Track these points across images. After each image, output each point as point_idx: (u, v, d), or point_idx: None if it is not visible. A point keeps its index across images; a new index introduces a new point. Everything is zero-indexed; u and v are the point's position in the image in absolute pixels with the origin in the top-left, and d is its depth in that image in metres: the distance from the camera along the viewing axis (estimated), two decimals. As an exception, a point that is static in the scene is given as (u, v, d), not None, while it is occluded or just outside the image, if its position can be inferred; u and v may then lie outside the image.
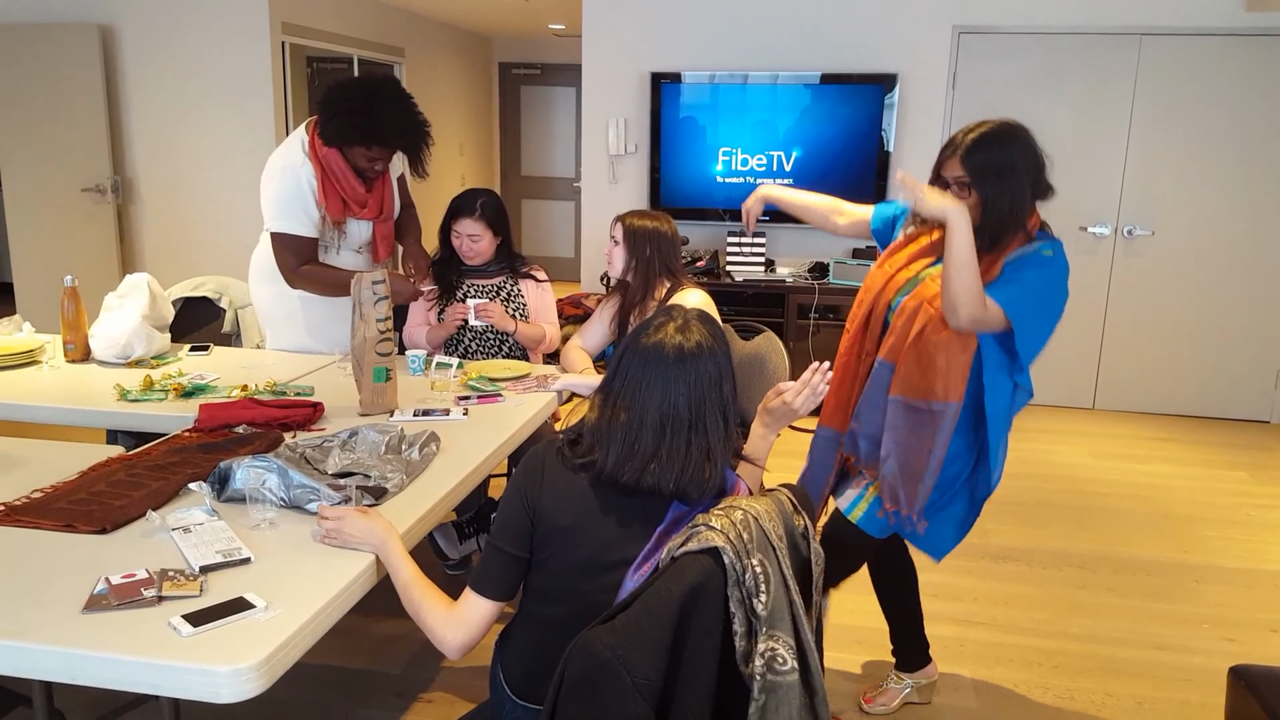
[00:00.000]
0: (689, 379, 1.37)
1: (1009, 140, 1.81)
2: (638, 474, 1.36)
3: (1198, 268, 4.71)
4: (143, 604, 1.31)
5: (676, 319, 1.42)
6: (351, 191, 2.63)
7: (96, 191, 5.17)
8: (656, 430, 1.36)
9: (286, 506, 1.65)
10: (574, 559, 1.39)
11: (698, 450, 1.37)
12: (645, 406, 1.37)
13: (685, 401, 1.37)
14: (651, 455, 1.36)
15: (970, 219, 1.78)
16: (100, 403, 2.25)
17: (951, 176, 1.83)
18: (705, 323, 1.43)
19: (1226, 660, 2.54)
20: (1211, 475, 4.02)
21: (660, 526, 1.37)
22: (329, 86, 2.55)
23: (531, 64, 8.27)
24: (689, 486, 1.36)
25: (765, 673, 1.27)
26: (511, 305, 2.84)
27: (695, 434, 1.37)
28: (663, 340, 1.39)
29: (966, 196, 1.82)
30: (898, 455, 1.92)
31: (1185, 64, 4.53)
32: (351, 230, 2.72)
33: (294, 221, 2.60)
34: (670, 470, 1.35)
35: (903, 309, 1.92)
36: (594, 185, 5.16)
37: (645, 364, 1.39)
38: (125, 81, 5.18)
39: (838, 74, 4.68)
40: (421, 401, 2.31)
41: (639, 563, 1.36)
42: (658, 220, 2.53)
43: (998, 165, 1.79)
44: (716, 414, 1.39)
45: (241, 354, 2.81)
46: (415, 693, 2.35)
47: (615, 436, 1.38)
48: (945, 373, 1.86)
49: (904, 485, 1.93)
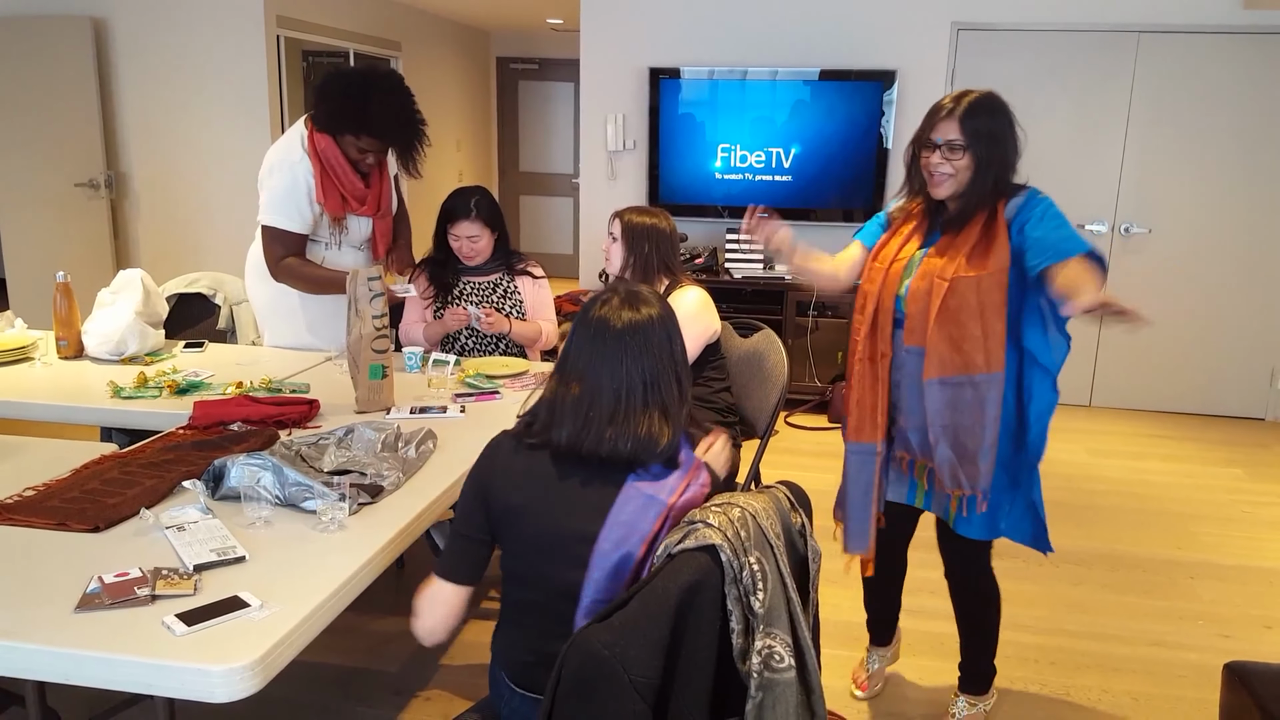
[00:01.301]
0: (640, 349, 1.39)
1: (1000, 110, 1.86)
2: (596, 443, 1.37)
3: (1195, 265, 4.72)
4: (136, 603, 1.30)
5: (621, 291, 1.44)
6: (350, 187, 2.62)
7: (90, 186, 5.14)
8: (612, 400, 1.37)
9: (282, 504, 1.64)
10: (529, 535, 1.40)
11: (655, 413, 1.39)
12: (599, 379, 1.38)
13: (639, 371, 1.38)
14: (608, 422, 1.37)
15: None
16: (93, 400, 2.24)
17: (945, 139, 1.83)
18: (654, 294, 1.46)
19: (1221, 656, 2.54)
20: (1207, 472, 4.03)
21: (614, 505, 1.37)
22: (328, 73, 2.55)
23: (530, 59, 8.25)
24: (642, 452, 1.37)
25: (762, 670, 1.26)
26: (508, 302, 2.83)
27: (650, 398, 1.39)
28: (609, 315, 1.40)
29: (958, 159, 1.83)
30: (947, 437, 1.89)
31: (1183, 62, 4.53)
32: (352, 227, 2.71)
33: (285, 217, 2.59)
34: (626, 435, 1.37)
35: (914, 294, 1.90)
36: (592, 181, 5.15)
37: (594, 338, 1.40)
38: (118, 75, 5.16)
39: (837, 70, 4.67)
40: (418, 399, 2.30)
41: (606, 547, 1.36)
42: (656, 217, 2.52)
43: (990, 131, 1.83)
44: (670, 377, 1.41)
45: (236, 351, 2.80)
46: (413, 690, 2.35)
47: (569, 410, 1.39)
48: (984, 341, 1.82)
49: (962, 467, 1.90)
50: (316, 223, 2.65)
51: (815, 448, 4.25)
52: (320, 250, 2.73)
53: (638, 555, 1.35)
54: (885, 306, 1.95)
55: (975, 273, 1.83)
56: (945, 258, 1.87)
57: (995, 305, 1.82)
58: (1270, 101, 4.49)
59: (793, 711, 1.28)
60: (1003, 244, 1.84)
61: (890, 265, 1.96)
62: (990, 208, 1.87)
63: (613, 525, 1.35)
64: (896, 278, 1.94)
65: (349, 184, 2.62)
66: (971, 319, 1.83)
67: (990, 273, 1.82)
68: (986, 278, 1.82)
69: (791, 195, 4.83)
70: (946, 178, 1.86)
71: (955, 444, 1.89)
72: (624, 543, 1.35)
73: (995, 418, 1.87)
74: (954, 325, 1.84)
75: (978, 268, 1.83)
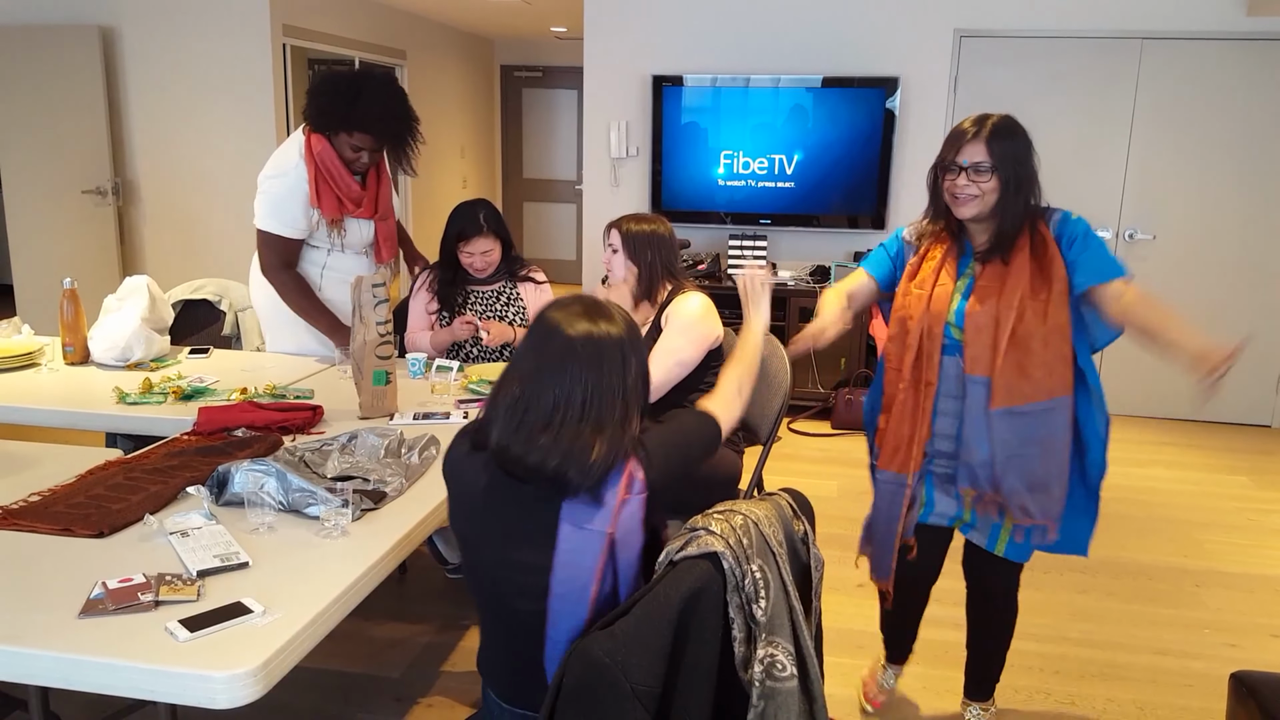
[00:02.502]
0: (587, 364, 1.32)
1: (1021, 133, 1.86)
2: (524, 447, 1.30)
3: (1199, 271, 4.71)
4: (140, 609, 1.31)
5: (583, 302, 1.38)
6: (345, 189, 2.64)
7: (97, 193, 5.17)
8: (548, 409, 1.31)
9: (285, 510, 1.64)
10: (479, 564, 1.39)
11: (588, 430, 1.30)
12: (540, 384, 1.32)
13: (581, 386, 1.31)
14: (541, 430, 1.30)
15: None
16: (99, 405, 2.25)
17: (971, 161, 1.82)
18: (618, 311, 1.39)
19: (1228, 665, 2.53)
20: (1212, 480, 4.01)
21: (557, 541, 1.31)
22: (320, 74, 2.56)
23: (533, 66, 8.28)
24: (571, 469, 1.29)
25: (764, 679, 1.26)
26: (512, 309, 2.83)
27: (587, 415, 1.31)
28: (566, 320, 1.34)
29: (985, 181, 1.82)
30: (1016, 468, 1.84)
31: (1186, 68, 4.53)
32: (351, 231, 2.72)
33: (279, 223, 2.61)
34: (557, 448, 1.29)
35: (975, 322, 1.85)
36: (596, 188, 5.16)
37: (545, 341, 1.34)
38: (126, 83, 5.18)
39: (839, 77, 4.68)
40: (421, 405, 2.31)
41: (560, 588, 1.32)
42: (654, 223, 2.51)
43: (1016, 153, 1.83)
44: (615, 400, 1.33)
45: (241, 357, 2.81)
46: (415, 697, 2.34)
47: (505, 410, 1.34)
48: (1053, 366, 1.81)
49: (1033, 497, 1.86)
50: (314, 228, 2.66)
51: (818, 454, 4.25)
52: (321, 256, 2.74)
53: (593, 587, 1.32)
54: (934, 333, 1.89)
55: (1041, 296, 1.82)
56: (1004, 282, 1.84)
57: (1061, 327, 1.82)
58: (1274, 107, 4.48)
59: None
60: (1060, 264, 1.83)
61: (932, 290, 1.91)
62: (1030, 229, 1.86)
63: (561, 565, 1.32)
64: (943, 303, 1.89)
65: (344, 186, 2.62)
66: (1039, 343, 1.81)
67: (1056, 294, 1.82)
68: (1053, 299, 1.81)
69: (794, 202, 4.83)
70: (972, 199, 1.84)
71: (1026, 473, 1.85)
72: (576, 580, 1.32)
73: (1067, 442, 1.85)
74: (1022, 351, 1.81)
75: (1042, 290, 1.82)
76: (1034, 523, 1.89)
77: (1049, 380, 1.81)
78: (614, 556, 1.33)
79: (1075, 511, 1.97)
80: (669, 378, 2.43)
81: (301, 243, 2.68)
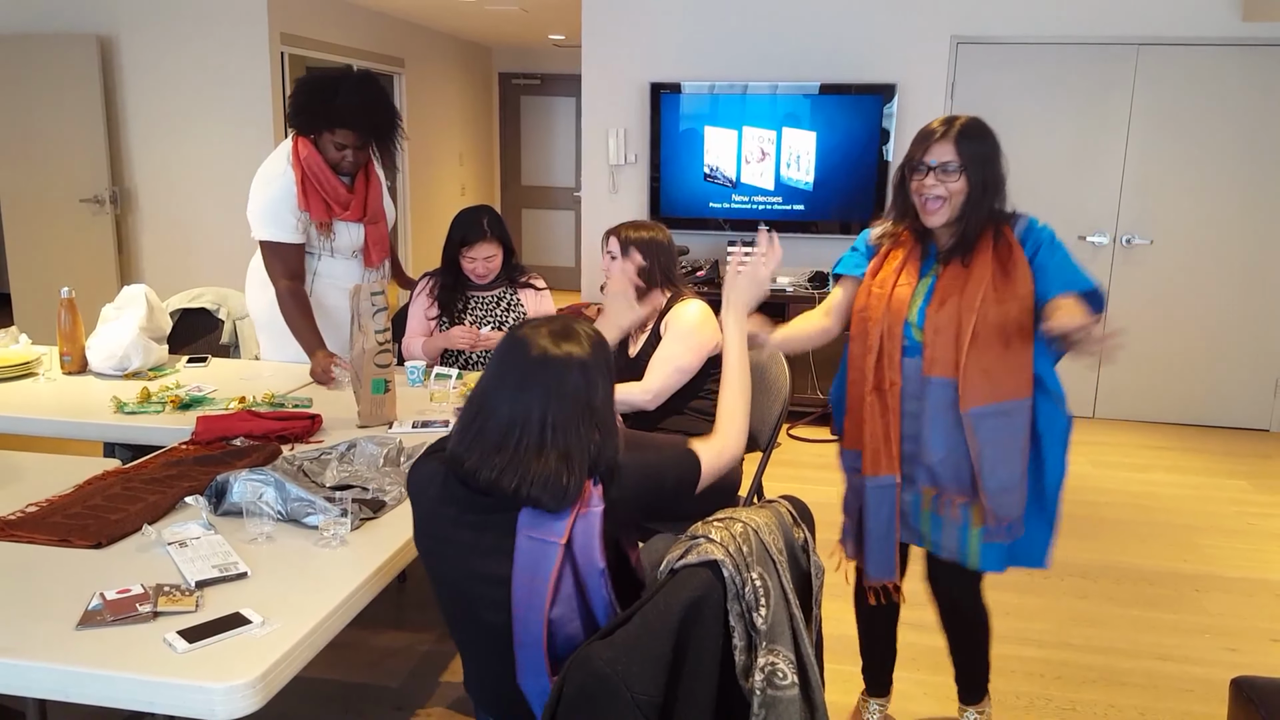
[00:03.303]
0: (546, 387, 1.29)
1: (989, 135, 1.86)
2: (478, 462, 1.29)
3: (1196, 276, 4.72)
4: (138, 620, 1.30)
5: (556, 323, 1.35)
6: (332, 192, 2.64)
7: (95, 202, 5.17)
8: (502, 428, 1.29)
9: (284, 520, 1.64)
10: (444, 579, 1.38)
11: (553, 456, 1.27)
12: (497, 402, 1.30)
13: (539, 409, 1.28)
14: (495, 449, 1.28)
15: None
16: (97, 415, 2.25)
17: (939, 161, 1.81)
18: (587, 335, 1.35)
19: (1228, 670, 2.52)
20: (1212, 484, 4.02)
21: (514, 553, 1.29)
22: (300, 78, 2.61)
23: (531, 74, 8.30)
24: (539, 493, 1.27)
25: (765, 687, 1.26)
26: (512, 315, 2.84)
27: (550, 440, 1.28)
28: (530, 339, 1.32)
29: (952, 181, 1.81)
30: (991, 469, 1.84)
31: (1182, 73, 4.54)
32: (340, 234, 2.72)
33: (276, 228, 2.63)
34: (513, 472, 1.27)
35: (935, 324, 1.84)
36: (594, 195, 5.17)
37: (507, 356, 1.32)
38: (124, 92, 5.19)
39: (837, 84, 4.69)
40: (421, 413, 2.30)
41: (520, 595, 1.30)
42: (653, 230, 2.51)
43: (984, 153, 1.83)
44: (582, 425, 1.30)
45: (239, 365, 2.81)
46: (414, 706, 2.34)
47: (464, 422, 1.34)
48: (1014, 369, 1.81)
49: (1004, 497, 1.86)
50: (302, 232, 2.67)
51: (818, 460, 4.24)
52: (312, 262, 2.75)
53: (547, 596, 1.29)
54: (893, 333, 1.89)
55: (1004, 299, 1.81)
56: (966, 284, 1.83)
57: (1024, 331, 1.81)
58: (1269, 112, 4.50)
59: (796, 728, 1.27)
60: (1025, 269, 1.82)
61: (892, 290, 1.90)
62: (994, 232, 1.85)
63: (520, 573, 1.30)
64: (903, 304, 1.88)
65: (330, 189, 2.63)
66: (1002, 346, 1.81)
67: (1019, 297, 1.81)
68: (1015, 303, 1.81)
69: (792, 209, 4.84)
70: (940, 203, 1.83)
71: (996, 475, 1.84)
72: (535, 592, 1.30)
73: (1025, 446, 1.85)
74: (985, 353, 1.81)
75: (1005, 294, 1.81)
76: (1003, 523, 1.88)
77: (1009, 382, 1.81)
78: (575, 570, 1.30)
79: (1030, 517, 1.94)
80: (668, 385, 2.43)
81: (303, 247, 2.68)
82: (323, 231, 2.68)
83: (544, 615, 1.29)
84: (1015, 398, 1.82)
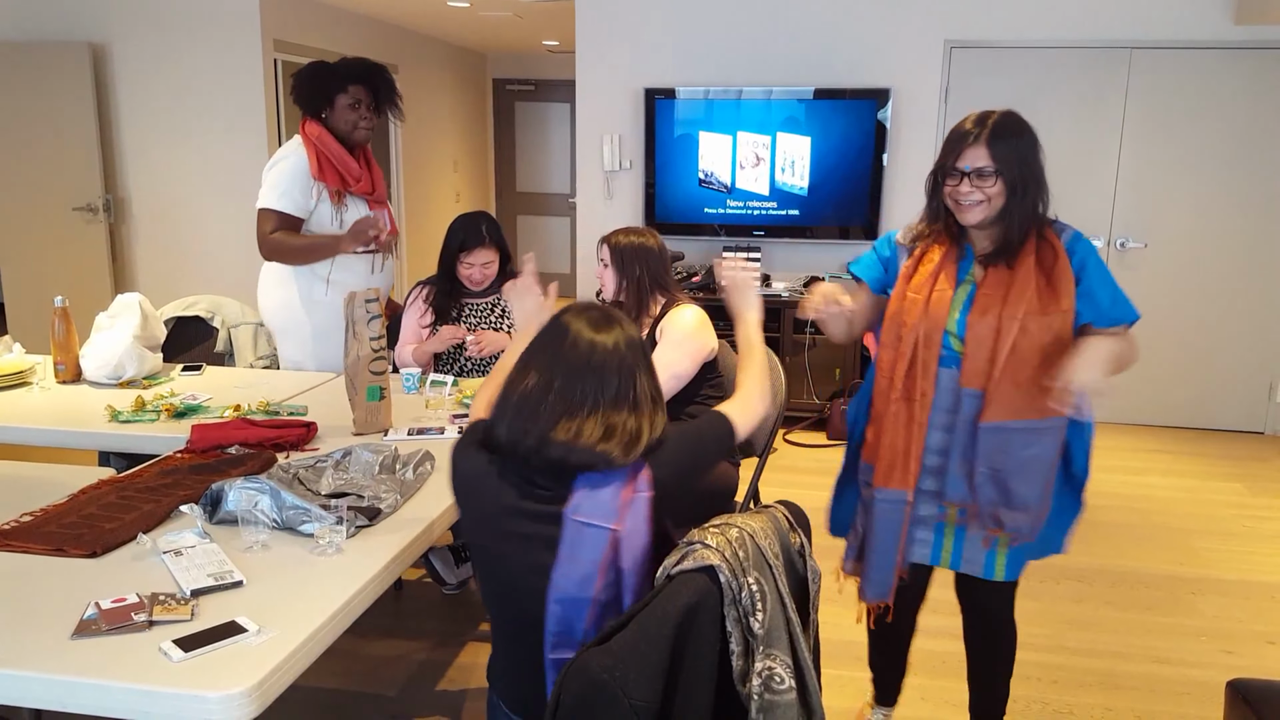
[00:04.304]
0: (604, 374, 1.35)
1: (1025, 129, 1.76)
2: (538, 445, 1.32)
3: (1191, 279, 4.73)
4: (133, 629, 1.30)
5: (599, 309, 1.42)
6: (345, 166, 2.80)
7: (88, 210, 5.16)
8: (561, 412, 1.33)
9: (279, 528, 1.64)
10: (489, 569, 1.40)
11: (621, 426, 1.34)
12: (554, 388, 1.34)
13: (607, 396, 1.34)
14: (563, 414, 1.33)
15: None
16: (91, 424, 2.24)
17: (973, 166, 1.72)
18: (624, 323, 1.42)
19: (1224, 673, 2.53)
20: (1207, 487, 4.03)
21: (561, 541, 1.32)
22: (294, 72, 2.81)
23: (526, 80, 8.31)
24: (596, 460, 1.33)
25: (763, 692, 1.26)
26: (507, 321, 2.83)
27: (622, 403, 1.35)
28: (578, 328, 1.37)
29: (989, 185, 1.72)
30: (1015, 484, 1.76)
31: (1176, 77, 4.56)
32: (352, 209, 2.85)
33: (286, 200, 2.74)
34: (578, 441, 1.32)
35: (976, 333, 1.75)
36: (589, 201, 5.17)
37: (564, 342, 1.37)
38: (117, 100, 5.18)
39: (831, 89, 4.71)
40: (416, 420, 2.30)
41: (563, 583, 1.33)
42: (643, 236, 2.51)
43: (1020, 153, 1.73)
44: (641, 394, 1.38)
45: (234, 373, 2.80)
46: (411, 715, 2.33)
47: (516, 406, 1.36)
48: (1051, 384, 1.71)
49: (1010, 514, 1.79)
50: (316, 207, 2.78)
51: (814, 465, 4.25)
52: (324, 268, 2.83)
53: (595, 584, 1.32)
54: (931, 341, 1.78)
55: (1047, 310, 1.72)
56: (1008, 291, 1.74)
57: (1064, 345, 1.72)
58: (1263, 115, 4.52)
59: (794, 733, 1.27)
60: (1069, 279, 1.73)
61: (930, 296, 1.80)
62: (1038, 235, 1.76)
63: (564, 560, 1.32)
64: (942, 310, 1.78)
65: (342, 162, 2.79)
66: (1040, 360, 1.71)
67: (1064, 310, 1.72)
68: (1060, 317, 1.72)
69: (787, 213, 4.85)
70: (977, 204, 1.74)
71: (1005, 490, 1.77)
72: (577, 577, 1.32)
73: (1053, 463, 1.77)
74: (1022, 367, 1.72)
75: (1049, 305, 1.72)
76: (1023, 538, 1.82)
77: (1043, 399, 1.71)
78: (618, 555, 1.33)
79: (1060, 510, 1.89)
80: (665, 391, 2.43)
81: (301, 222, 2.79)
82: (337, 202, 2.79)
83: (589, 603, 1.32)
84: (1050, 415, 1.73)
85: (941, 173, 1.78)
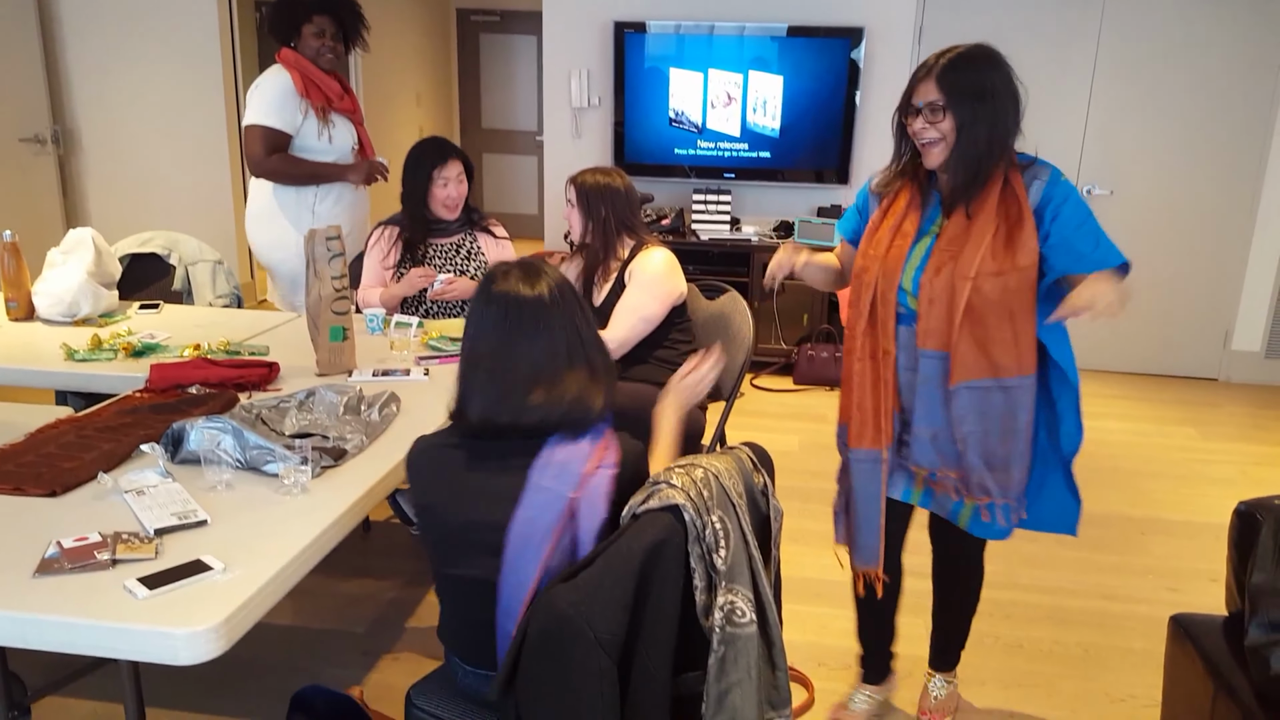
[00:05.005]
0: (559, 315, 1.38)
1: (987, 63, 1.67)
2: (517, 413, 1.35)
3: (1153, 228, 4.79)
4: (96, 567, 1.29)
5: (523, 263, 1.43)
6: (327, 85, 2.96)
7: (35, 141, 4.96)
8: (537, 366, 1.36)
9: (243, 468, 1.62)
10: (440, 525, 1.40)
11: (583, 373, 1.39)
12: (515, 354, 1.36)
13: (564, 335, 1.38)
14: (534, 383, 1.36)
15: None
16: (47, 363, 2.19)
17: (925, 101, 1.65)
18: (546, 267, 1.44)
19: (1169, 609, 2.64)
20: (1160, 431, 4.14)
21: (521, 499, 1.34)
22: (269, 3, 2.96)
23: (490, 10, 8.06)
24: (577, 415, 1.37)
25: (725, 625, 1.29)
26: (473, 263, 2.80)
27: (575, 359, 1.39)
28: (516, 286, 1.38)
29: (940, 121, 1.65)
30: (976, 446, 1.73)
31: (1149, 19, 4.55)
32: (338, 126, 3.00)
33: (271, 115, 2.85)
34: (557, 401, 1.36)
35: (929, 293, 1.69)
36: (557, 139, 5.08)
37: (506, 310, 1.38)
38: (62, 27, 4.95)
39: (804, 26, 4.63)
40: (381, 362, 2.28)
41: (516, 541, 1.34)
42: (610, 176, 2.48)
43: (975, 87, 1.64)
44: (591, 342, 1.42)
45: (193, 312, 2.75)
46: (380, 651, 2.36)
47: (481, 384, 1.38)
48: (1015, 344, 1.68)
49: (992, 475, 1.76)
50: (302, 125, 2.90)
51: (780, 409, 4.29)
52: (314, 158, 2.98)
53: (546, 548, 1.32)
54: (887, 299, 1.74)
55: (1002, 269, 1.64)
56: (963, 248, 1.66)
57: (1026, 305, 1.67)
58: (1233, 63, 4.54)
59: (754, 664, 1.31)
60: (1030, 234, 1.64)
61: (888, 251, 1.74)
62: (999, 181, 1.67)
63: (520, 522, 1.33)
64: (896, 266, 1.73)
65: (324, 82, 2.95)
66: (999, 320, 1.66)
67: (1020, 269, 1.64)
68: (1016, 275, 1.64)
69: (759, 156, 4.81)
70: (936, 143, 1.67)
71: (985, 452, 1.74)
72: (531, 539, 1.33)
73: (1028, 423, 1.75)
74: (979, 326, 1.66)
75: (1005, 263, 1.64)
76: (993, 500, 1.80)
77: (1007, 358, 1.68)
78: (574, 524, 1.34)
79: (1057, 490, 1.88)
80: (633, 334, 2.43)
81: (289, 139, 2.90)
82: (323, 119, 2.92)
83: (539, 564, 1.32)
84: (1017, 374, 1.70)
85: (902, 110, 1.72)
